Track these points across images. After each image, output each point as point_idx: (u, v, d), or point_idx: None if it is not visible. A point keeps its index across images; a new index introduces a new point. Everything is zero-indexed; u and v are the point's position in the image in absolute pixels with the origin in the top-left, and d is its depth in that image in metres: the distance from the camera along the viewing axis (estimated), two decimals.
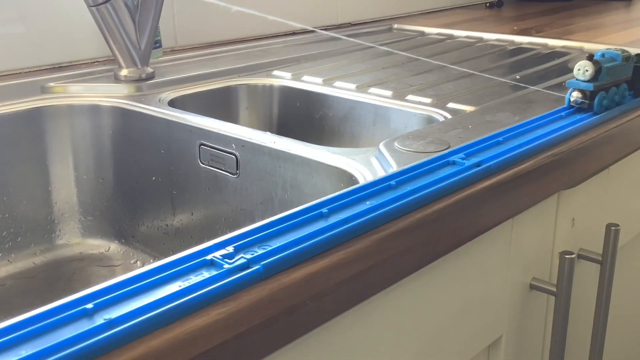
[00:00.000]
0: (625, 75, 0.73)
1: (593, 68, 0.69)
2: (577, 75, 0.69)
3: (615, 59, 0.71)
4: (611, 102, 0.72)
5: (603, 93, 0.71)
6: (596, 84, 0.70)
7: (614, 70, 0.71)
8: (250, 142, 0.71)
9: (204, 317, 0.37)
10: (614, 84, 0.72)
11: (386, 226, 0.48)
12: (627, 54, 0.72)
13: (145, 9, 0.88)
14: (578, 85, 0.70)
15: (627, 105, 0.75)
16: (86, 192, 0.87)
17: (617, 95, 0.73)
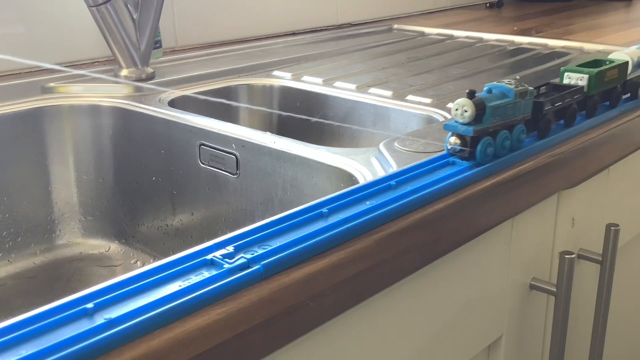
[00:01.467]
0: (521, 114, 0.59)
1: (473, 108, 0.55)
2: (455, 117, 0.56)
3: (507, 94, 0.58)
4: (500, 148, 0.58)
5: (488, 139, 0.57)
6: (478, 127, 0.56)
7: (504, 109, 0.57)
8: (250, 142, 0.71)
9: (204, 317, 0.37)
10: (505, 125, 0.58)
11: (386, 226, 0.48)
12: (522, 89, 0.59)
13: (145, 9, 0.88)
14: (456, 129, 0.56)
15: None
16: (86, 192, 0.87)
17: (508, 140, 0.59)
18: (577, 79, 0.68)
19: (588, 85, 0.68)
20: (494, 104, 0.56)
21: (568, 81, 0.69)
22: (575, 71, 0.69)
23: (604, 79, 0.69)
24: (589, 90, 0.68)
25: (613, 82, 0.71)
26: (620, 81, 0.73)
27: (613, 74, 0.71)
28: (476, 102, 0.55)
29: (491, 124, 0.56)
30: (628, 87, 0.75)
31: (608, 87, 0.71)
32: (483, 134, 0.56)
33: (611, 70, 0.70)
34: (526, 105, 0.60)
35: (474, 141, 0.56)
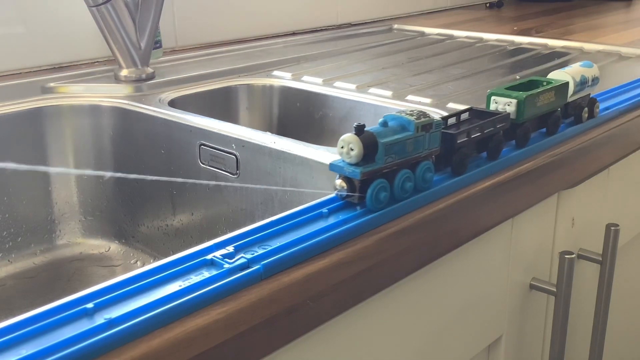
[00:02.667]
0: (426, 149, 0.51)
1: (360, 146, 0.46)
2: (341, 155, 0.48)
3: (407, 127, 0.49)
4: (400, 191, 0.49)
5: (382, 181, 0.48)
6: (367, 168, 0.47)
7: (402, 145, 0.48)
8: (250, 142, 0.71)
9: (204, 317, 0.37)
10: (406, 164, 0.49)
11: (386, 226, 0.48)
12: (425, 121, 0.50)
13: (145, 9, 0.88)
14: (341, 171, 0.48)
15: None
16: (86, 192, 0.87)
17: (410, 182, 0.50)
18: (504, 104, 0.60)
19: (517, 111, 0.59)
20: (387, 140, 0.47)
21: (495, 107, 0.61)
22: (503, 95, 0.60)
23: (537, 103, 0.61)
24: (519, 117, 0.60)
25: (550, 106, 0.63)
26: (559, 104, 0.65)
27: (548, 97, 0.62)
28: (365, 139, 0.47)
29: (385, 163, 0.48)
30: (570, 110, 0.68)
31: (544, 112, 0.63)
32: (375, 175, 0.48)
33: (545, 93, 0.62)
34: (432, 139, 0.51)
35: (363, 185, 0.47)
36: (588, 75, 0.68)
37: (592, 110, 0.70)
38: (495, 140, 0.58)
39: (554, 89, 0.63)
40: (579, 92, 0.67)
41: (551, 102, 0.63)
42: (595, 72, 0.69)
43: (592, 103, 0.70)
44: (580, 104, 0.68)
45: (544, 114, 0.63)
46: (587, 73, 0.68)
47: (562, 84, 0.64)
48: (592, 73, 0.69)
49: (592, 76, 0.68)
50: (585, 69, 0.68)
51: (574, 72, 0.66)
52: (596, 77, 0.69)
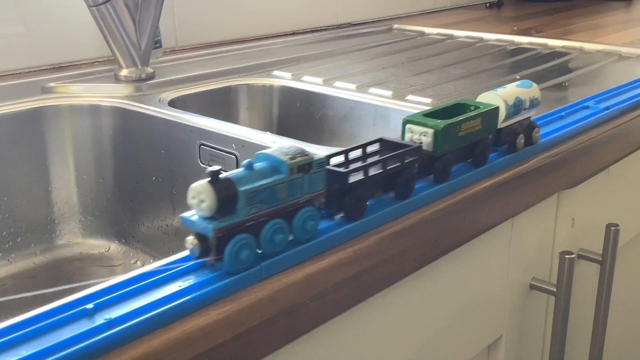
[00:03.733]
0: (307, 194, 0.43)
1: (214, 197, 0.38)
2: (192, 206, 0.40)
3: (278, 168, 0.42)
4: (270, 246, 0.41)
5: (244, 237, 0.40)
6: (222, 223, 0.39)
7: (272, 192, 0.41)
8: (250, 142, 0.71)
9: (204, 317, 0.37)
10: (278, 213, 0.41)
11: (386, 226, 0.48)
12: (302, 160, 0.42)
13: (145, 9, 0.88)
14: (193, 226, 0.40)
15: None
16: (86, 192, 0.87)
17: (282, 234, 0.42)
18: (420, 133, 0.52)
19: (434, 142, 0.52)
20: (250, 187, 0.40)
21: (410, 137, 0.53)
22: (419, 123, 0.53)
23: (458, 133, 0.53)
24: (436, 149, 0.52)
25: (476, 134, 0.55)
26: (488, 132, 0.57)
27: (473, 124, 0.55)
28: (220, 187, 0.39)
29: (249, 215, 0.40)
30: (504, 137, 0.60)
31: (468, 142, 0.55)
32: (235, 230, 0.39)
33: (469, 120, 0.54)
34: (314, 180, 0.43)
35: (221, 242, 0.39)
36: (525, 97, 0.59)
37: (530, 136, 0.62)
38: (404, 176, 0.50)
39: (480, 115, 0.55)
40: (514, 116, 0.59)
41: (477, 130, 0.55)
42: (534, 92, 0.61)
43: (531, 128, 0.62)
44: (515, 130, 0.60)
45: (470, 144, 0.55)
46: (523, 94, 0.59)
47: (490, 110, 0.56)
48: (531, 94, 0.60)
49: (531, 98, 0.60)
50: (522, 89, 0.60)
51: (507, 94, 0.58)
52: (536, 98, 0.61)
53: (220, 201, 0.39)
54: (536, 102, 0.61)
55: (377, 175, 0.48)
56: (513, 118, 0.59)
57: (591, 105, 0.75)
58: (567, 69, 0.97)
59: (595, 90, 0.82)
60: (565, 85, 0.88)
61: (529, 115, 0.61)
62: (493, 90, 0.58)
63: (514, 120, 0.59)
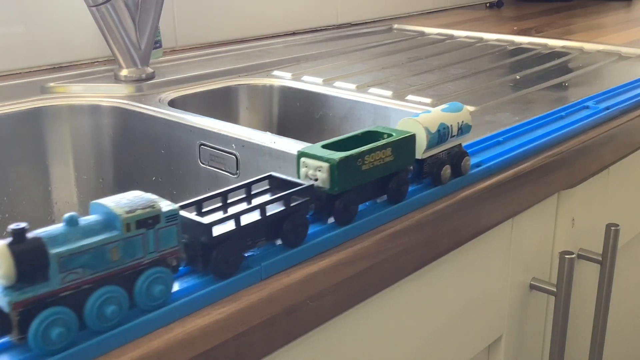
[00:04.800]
0: (154, 252, 0.36)
1: (10, 263, 0.31)
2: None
3: (112, 224, 0.35)
4: (98, 321, 0.34)
5: (58, 311, 0.32)
6: (25, 295, 0.31)
7: (99, 253, 0.33)
8: (250, 142, 0.71)
9: (204, 317, 0.37)
10: (110, 279, 0.34)
11: (386, 226, 0.48)
12: (144, 213, 0.35)
13: (145, 9, 0.88)
14: None
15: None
16: (86, 192, 0.87)
17: (112, 305, 0.34)
18: (315, 168, 0.44)
19: (330, 179, 0.44)
20: (64, 249, 0.32)
21: (305, 172, 0.45)
22: (313, 157, 0.45)
23: (362, 167, 0.45)
24: (333, 187, 0.44)
25: (388, 167, 0.48)
26: (403, 164, 0.49)
27: (382, 156, 0.47)
28: (22, 251, 0.31)
29: (64, 283, 0.32)
30: (426, 169, 0.52)
31: (379, 176, 0.47)
32: (43, 303, 0.32)
33: (376, 151, 0.46)
34: (165, 236, 0.36)
35: (23, 318, 0.31)
36: (451, 123, 0.53)
37: (459, 166, 0.54)
38: (293, 221, 0.42)
39: (390, 145, 0.47)
40: (440, 144, 0.52)
41: (389, 162, 0.47)
42: (464, 117, 0.54)
43: (460, 157, 0.54)
44: (441, 160, 0.53)
45: (381, 178, 0.48)
46: (450, 120, 0.53)
47: (403, 138, 0.48)
48: (459, 119, 0.53)
49: (460, 123, 0.53)
50: (449, 114, 0.53)
51: (429, 119, 0.51)
52: (465, 123, 0.54)
53: (21, 268, 0.31)
54: (466, 128, 0.54)
55: (256, 223, 0.40)
56: (438, 146, 0.52)
57: (591, 105, 0.75)
58: (567, 69, 0.97)
59: (595, 90, 0.82)
60: (565, 85, 0.88)
61: (459, 142, 0.54)
62: (413, 116, 0.52)
63: (440, 148, 0.52)
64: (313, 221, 0.46)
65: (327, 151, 0.45)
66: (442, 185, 0.53)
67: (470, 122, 0.54)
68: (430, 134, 0.51)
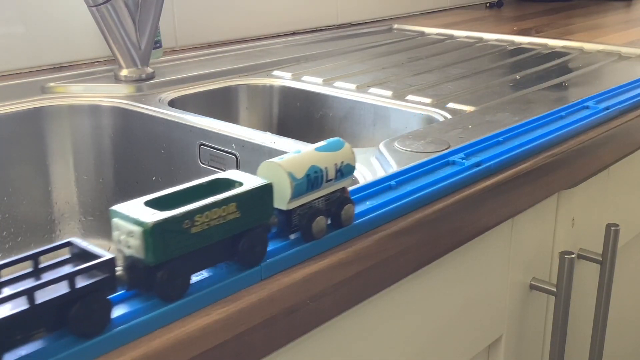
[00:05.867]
0: None
1: None
2: None
3: None
4: None
5: None
6: None
7: None
8: (250, 142, 0.71)
9: (204, 317, 0.37)
10: None
11: (386, 226, 0.48)
12: None
13: (145, 9, 0.88)
14: None
15: None
16: (86, 192, 0.87)
17: None
18: (127, 233, 0.36)
19: (145, 246, 0.35)
20: None
21: (117, 236, 0.36)
22: (125, 218, 0.36)
23: (191, 229, 0.36)
24: (149, 257, 0.35)
25: (234, 225, 0.38)
26: (257, 218, 0.40)
27: (224, 213, 0.38)
28: None
29: None
30: (297, 220, 0.43)
31: (222, 237, 0.38)
32: None
33: (212, 209, 0.37)
34: None
35: None
36: (326, 165, 0.43)
37: (339, 217, 0.45)
38: (86, 306, 0.33)
39: (234, 199, 0.38)
40: (313, 191, 0.43)
41: (233, 221, 0.38)
42: (344, 156, 0.44)
43: (341, 204, 0.45)
44: (313, 210, 0.43)
45: (226, 238, 0.38)
46: (324, 161, 0.43)
47: (251, 191, 0.39)
48: (338, 159, 0.44)
49: (339, 164, 0.44)
50: (324, 154, 0.43)
51: (295, 162, 0.42)
52: (347, 164, 0.44)
53: None
54: (347, 169, 0.44)
55: (25, 312, 0.31)
56: (310, 194, 0.43)
57: (591, 105, 0.75)
58: (567, 69, 0.97)
59: (595, 90, 0.82)
60: (565, 85, 0.88)
61: (340, 186, 0.45)
62: (278, 158, 0.43)
63: (313, 196, 0.43)
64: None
65: (145, 211, 0.36)
66: (315, 240, 0.43)
67: (353, 161, 0.44)
68: (295, 181, 0.41)
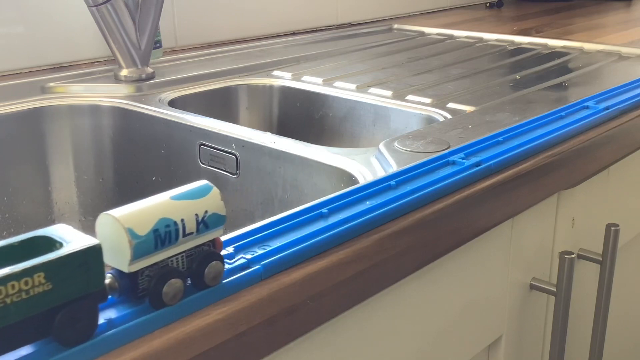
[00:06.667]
0: None
1: None
2: None
3: None
4: None
5: None
6: None
7: None
8: (250, 142, 0.71)
9: (204, 317, 0.37)
10: None
11: (386, 226, 0.48)
12: None
13: (145, 9, 0.88)
14: None
15: None
16: (86, 192, 0.87)
17: None
18: None
19: None
20: None
21: None
22: None
23: None
24: None
25: (45, 300, 0.31)
26: (80, 289, 0.32)
27: (26, 287, 0.30)
28: None
29: None
30: (145, 283, 0.36)
31: (26, 315, 0.31)
32: None
33: (11, 281, 0.30)
34: None
35: None
36: (183, 217, 0.36)
37: (201, 275, 0.37)
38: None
39: (41, 268, 0.30)
40: (164, 249, 0.35)
41: (41, 295, 0.31)
42: (211, 205, 0.37)
43: (204, 262, 0.38)
44: (166, 271, 0.36)
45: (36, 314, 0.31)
46: (181, 212, 0.36)
47: (65, 257, 0.31)
48: (202, 209, 0.37)
49: (203, 214, 0.37)
50: (182, 203, 0.36)
51: (139, 216, 0.35)
52: (213, 213, 0.37)
53: None
54: (215, 220, 0.38)
55: None
56: (160, 252, 0.35)
57: (591, 105, 0.75)
58: (567, 69, 0.97)
59: (595, 90, 0.82)
60: (565, 85, 0.88)
61: (205, 240, 0.38)
62: (118, 210, 0.34)
63: (165, 254, 0.36)
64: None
65: None
66: (168, 306, 0.36)
67: (221, 210, 0.38)
68: (136, 239, 0.34)
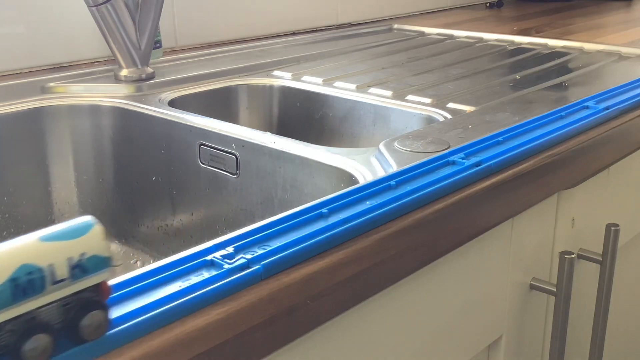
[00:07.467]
0: None
1: None
2: None
3: None
4: None
5: None
6: None
7: None
8: (250, 142, 0.71)
9: (204, 317, 0.37)
10: None
11: (386, 226, 0.48)
12: None
13: (145, 9, 0.88)
14: None
15: None
16: (86, 192, 0.87)
17: None
18: None
19: None
20: None
21: None
22: None
23: None
24: None
25: None
26: None
27: None
28: None
29: None
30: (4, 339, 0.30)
31: None
32: None
33: None
34: None
35: None
36: (53, 261, 0.31)
37: (76, 328, 0.32)
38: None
39: None
40: (28, 299, 0.30)
41: None
42: (91, 245, 0.32)
43: (80, 312, 0.32)
44: (31, 325, 0.31)
45: None
46: (48, 257, 0.31)
47: None
48: (76, 251, 0.32)
49: (78, 258, 0.32)
50: (53, 244, 0.32)
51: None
52: (93, 256, 0.32)
53: None
54: (95, 264, 0.32)
55: None
56: (23, 303, 0.30)
57: (591, 105, 0.75)
58: (567, 69, 0.97)
59: (595, 90, 0.82)
60: (565, 85, 0.88)
61: (83, 286, 0.32)
62: None
63: (31, 305, 0.31)
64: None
65: None
66: None
67: (104, 252, 0.32)
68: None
